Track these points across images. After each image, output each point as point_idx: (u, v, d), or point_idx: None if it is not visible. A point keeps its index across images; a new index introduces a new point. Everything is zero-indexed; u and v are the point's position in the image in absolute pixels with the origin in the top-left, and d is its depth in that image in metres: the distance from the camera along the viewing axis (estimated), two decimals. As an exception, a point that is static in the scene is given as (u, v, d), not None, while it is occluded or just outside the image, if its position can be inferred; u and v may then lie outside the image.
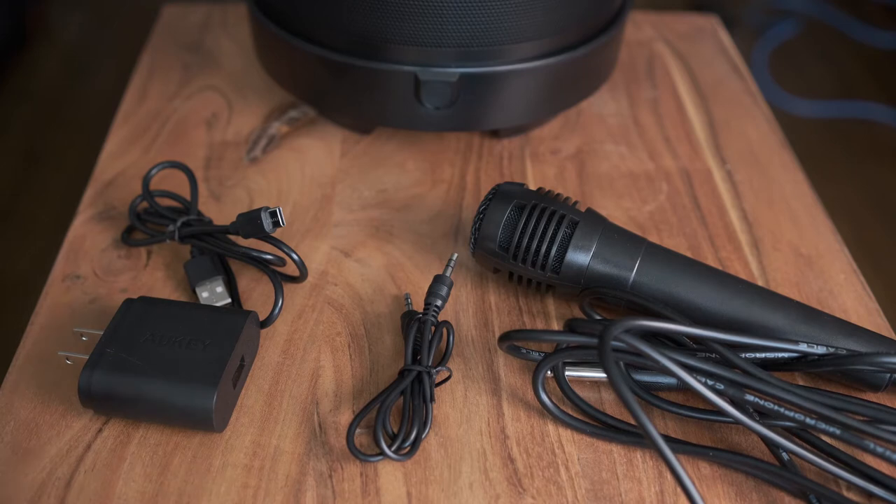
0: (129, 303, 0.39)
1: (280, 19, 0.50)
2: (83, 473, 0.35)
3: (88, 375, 0.36)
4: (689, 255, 0.44)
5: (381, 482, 0.35)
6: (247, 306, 0.43)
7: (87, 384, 0.36)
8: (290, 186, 0.50)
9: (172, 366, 0.36)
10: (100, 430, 0.37)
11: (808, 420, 0.33)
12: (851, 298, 0.44)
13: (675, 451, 0.34)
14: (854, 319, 0.43)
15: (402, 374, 0.37)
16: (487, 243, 0.41)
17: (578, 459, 0.36)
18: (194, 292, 0.42)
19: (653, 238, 0.47)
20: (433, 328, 0.39)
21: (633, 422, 0.36)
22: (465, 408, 0.38)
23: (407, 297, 0.43)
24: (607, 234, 0.40)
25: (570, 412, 0.38)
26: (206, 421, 0.35)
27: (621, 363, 0.37)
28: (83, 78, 1.76)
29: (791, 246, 0.48)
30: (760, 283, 0.45)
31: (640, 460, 0.36)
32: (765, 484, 0.36)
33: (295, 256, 0.41)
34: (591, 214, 0.41)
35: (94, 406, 0.36)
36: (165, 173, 0.49)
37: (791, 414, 0.33)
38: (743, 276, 0.45)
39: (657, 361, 0.31)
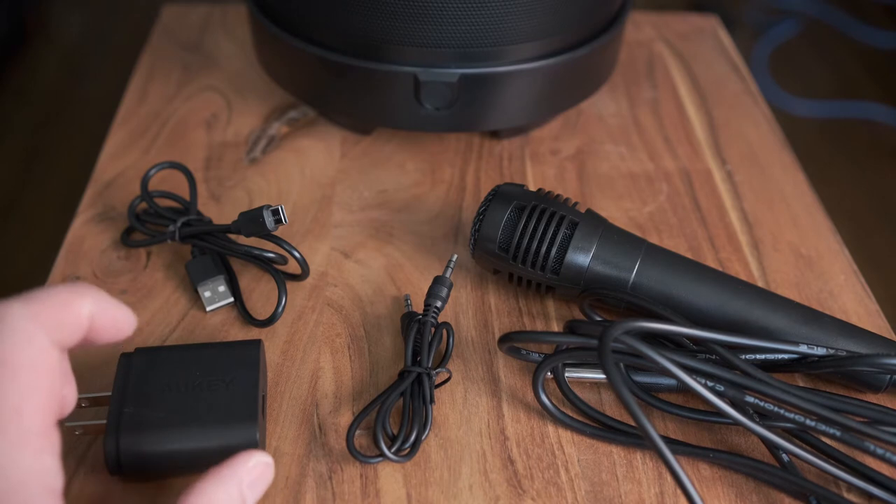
0: (126, 357, 0.35)
1: (280, 19, 0.50)
2: (82, 475, 0.35)
3: (113, 441, 0.32)
4: (689, 255, 0.44)
5: (381, 483, 0.35)
6: (248, 305, 0.43)
7: (114, 451, 0.32)
8: (289, 187, 0.50)
9: (203, 411, 0.33)
10: (97, 436, 0.37)
11: (808, 421, 0.33)
12: (851, 299, 0.44)
13: (674, 452, 0.34)
14: (854, 320, 0.43)
15: (402, 375, 0.37)
16: (487, 244, 0.41)
17: (578, 461, 0.36)
18: (196, 292, 0.42)
19: (653, 239, 0.47)
20: (433, 329, 0.39)
21: (632, 423, 0.36)
22: (464, 409, 0.38)
23: (407, 298, 0.43)
24: (607, 235, 0.40)
25: (570, 413, 0.38)
26: None
27: (621, 364, 0.37)
28: (83, 78, 1.76)
29: (791, 247, 0.48)
30: (760, 284, 0.45)
31: (640, 462, 0.36)
32: (765, 485, 0.36)
33: (296, 254, 0.41)
34: (591, 215, 0.41)
35: (125, 472, 0.33)
36: (165, 174, 0.49)
37: (791, 415, 0.33)
38: (743, 277, 0.45)
39: (657, 363, 0.31)
